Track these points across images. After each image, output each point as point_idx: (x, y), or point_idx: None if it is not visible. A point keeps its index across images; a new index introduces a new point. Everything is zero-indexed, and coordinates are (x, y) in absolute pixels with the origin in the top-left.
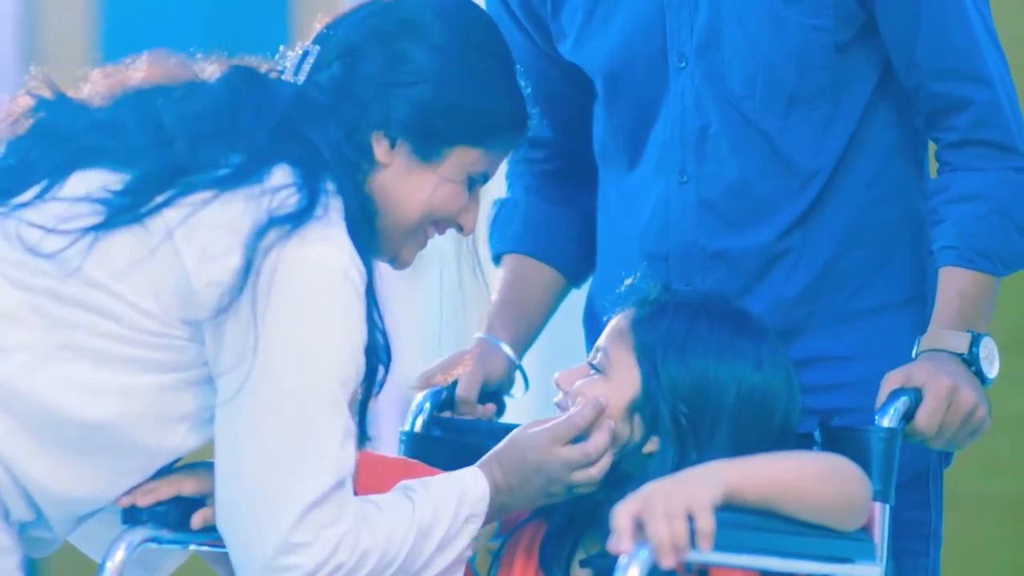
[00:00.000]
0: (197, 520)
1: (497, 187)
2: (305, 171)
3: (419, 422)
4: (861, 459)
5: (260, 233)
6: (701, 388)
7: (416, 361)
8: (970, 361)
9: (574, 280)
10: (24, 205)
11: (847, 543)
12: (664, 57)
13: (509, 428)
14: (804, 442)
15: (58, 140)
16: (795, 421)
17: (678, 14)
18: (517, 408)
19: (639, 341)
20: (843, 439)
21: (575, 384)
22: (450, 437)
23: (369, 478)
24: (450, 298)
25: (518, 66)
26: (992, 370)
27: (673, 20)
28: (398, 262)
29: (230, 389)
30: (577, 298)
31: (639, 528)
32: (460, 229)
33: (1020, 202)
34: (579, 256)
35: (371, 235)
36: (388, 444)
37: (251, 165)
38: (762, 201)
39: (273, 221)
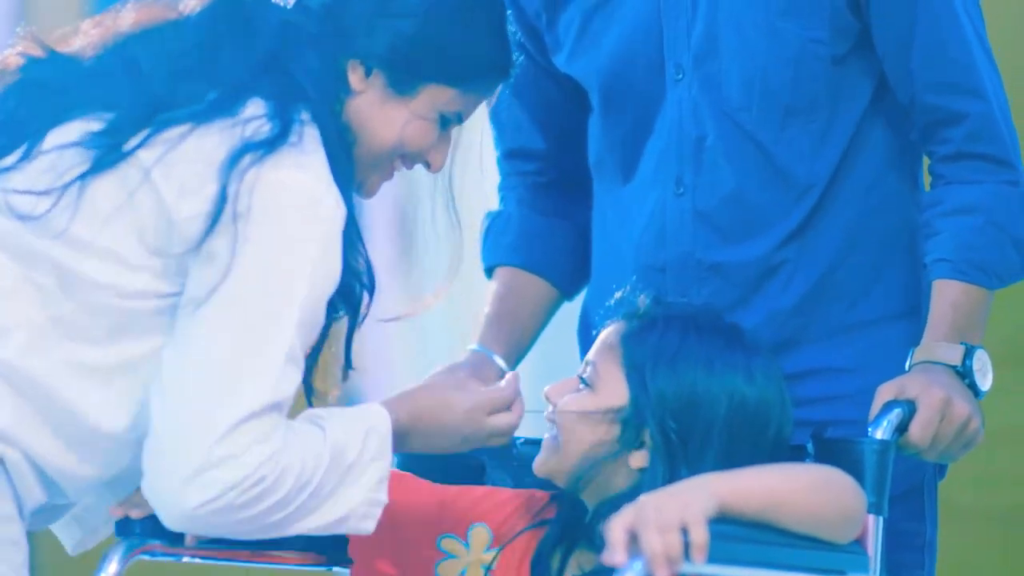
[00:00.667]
0: (191, 536)
1: (491, 199)
2: (279, 102)
3: None
4: (855, 471)
5: (234, 159)
6: (691, 402)
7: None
8: (964, 373)
9: (567, 293)
10: (8, 169)
11: (840, 555)
12: (661, 68)
13: None
14: (797, 454)
15: (46, 96)
16: (788, 434)
17: (675, 25)
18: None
19: (628, 355)
20: (836, 451)
21: (561, 400)
22: None
23: None
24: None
25: (509, 12)
26: (985, 382)
27: (670, 31)
28: (364, 190)
29: (194, 299)
30: (569, 310)
31: (633, 540)
32: (428, 166)
33: (1014, 215)
34: (572, 269)
35: (350, 163)
36: None
37: (226, 99)
38: (758, 213)
39: (247, 147)
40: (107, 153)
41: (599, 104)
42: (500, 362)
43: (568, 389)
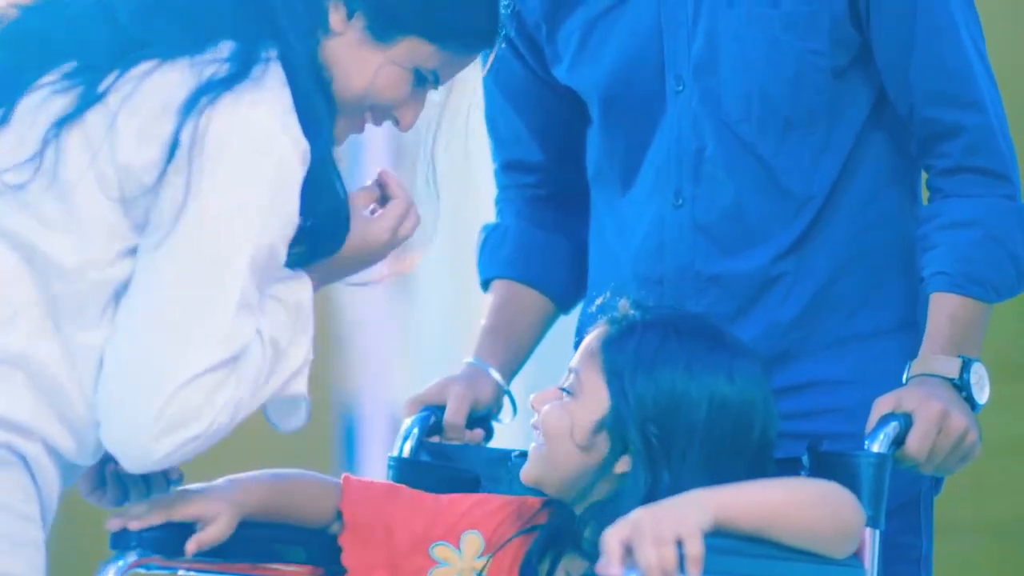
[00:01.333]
0: (191, 547)
1: (487, 211)
2: (247, 41)
3: (407, 447)
4: (851, 484)
5: (191, 101)
6: (671, 407)
7: (405, 378)
8: (961, 386)
9: (563, 306)
10: None
11: (837, 569)
12: (661, 80)
13: (498, 453)
14: (792, 467)
15: (29, 46)
16: (773, 436)
17: (675, 37)
18: (505, 433)
19: (608, 361)
20: (832, 464)
21: (544, 408)
22: (438, 462)
23: (355, 504)
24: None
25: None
26: (982, 395)
27: (671, 43)
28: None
29: (149, 244)
30: (565, 322)
31: (628, 553)
32: (397, 123)
33: (1012, 230)
34: (568, 282)
35: (326, 101)
36: (378, 468)
37: (194, 35)
38: (757, 225)
39: (204, 88)
40: (83, 95)
41: (599, 115)
42: (495, 375)
43: (552, 397)
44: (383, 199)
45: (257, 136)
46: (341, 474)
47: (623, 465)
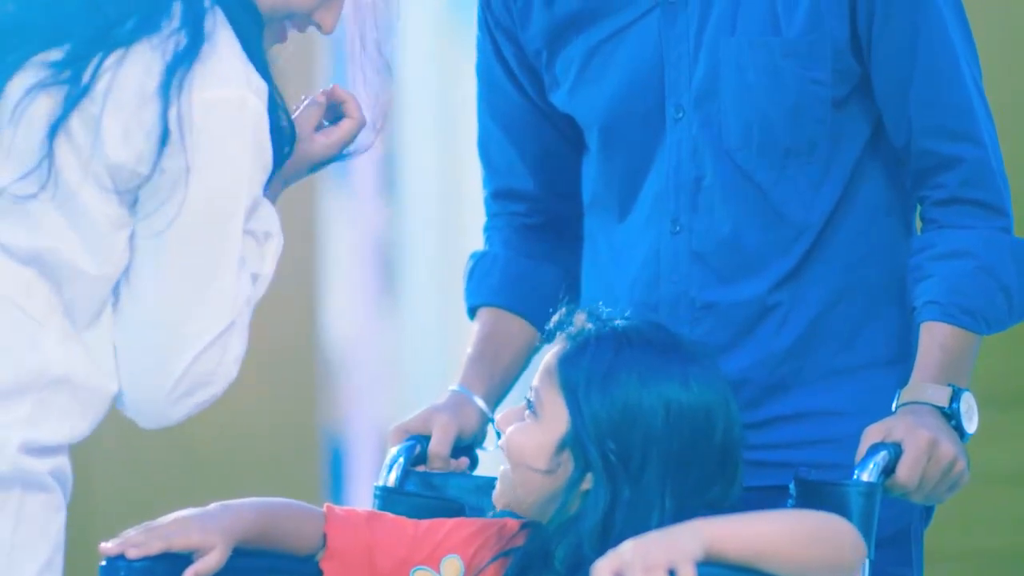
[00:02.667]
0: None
1: (475, 239)
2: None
3: (393, 476)
4: (841, 514)
5: (166, 84)
6: (626, 421)
7: (393, 404)
8: (950, 415)
9: (550, 336)
10: None
11: None
12: (661, 108)
13: (483, 482)
14: (780, 495)
15: (9, 33)
16: (737, 439)
17: (677, 65)
18: (490, 461)
19: (563, 378)
20: (822, 493)
21: (507, 429)
22: (424, 492)
23: (338, 529)
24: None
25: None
26: (971, 425)
27: (671, 70)
28: None
29: (155, 227)
30: None
31: None
32: (320, 28)
33: (1005, 262)
34: (555, 312)
35: (257, 25)
36: (366, 494)
37: (149, 13)
38: (754, 254)
39: (172, 66)
40: (69, 94)
41: (598, 142)
42: (480, 403)
43: (516, 417)
44: (334, 113)
45: (233, 100)
46: (326, 502)
47: (588, 483)
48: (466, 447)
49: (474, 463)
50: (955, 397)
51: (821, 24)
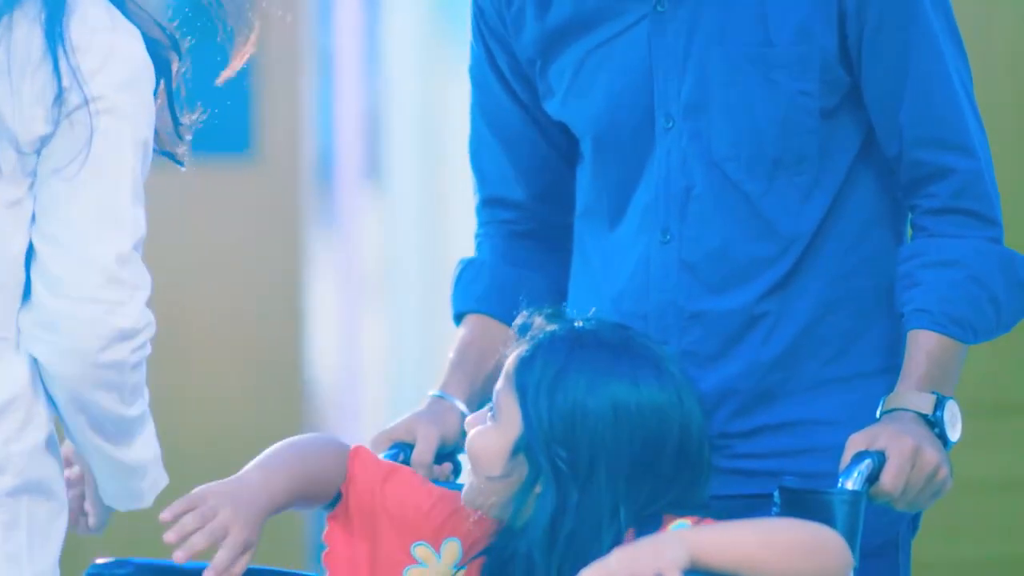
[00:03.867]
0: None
1: (464, 247)
2: None
3: None
4: (825, 522)
5: (51, 43)
6: (573, 425)
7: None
8: (933, 423)
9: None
10: None
11: None
12: (651, 117)
13: (460, 487)
14: (768, 504)
15: None
16: (696, 434)
17: (666, 74)
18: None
19: (518, 381)
20: (806, 502)
21: (469, 433)
22: None
23: (354, 486)
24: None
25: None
26: (954, 433)
27: (661, 80)
28: None
29: (63, 174)
30: None
31: None
32: None
33: (994, 273)
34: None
35: None
36: None
37: None
38: (743, 264)
39: (49, 30)
40: None
41: (590, 150)
42: (461, 406)
43: (481, 420)
44: None
45: (115, 45)
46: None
47: (540, 487)
48: (448, 453)
49: (457, 469)
50: (939, 405)
51: (810, 35)
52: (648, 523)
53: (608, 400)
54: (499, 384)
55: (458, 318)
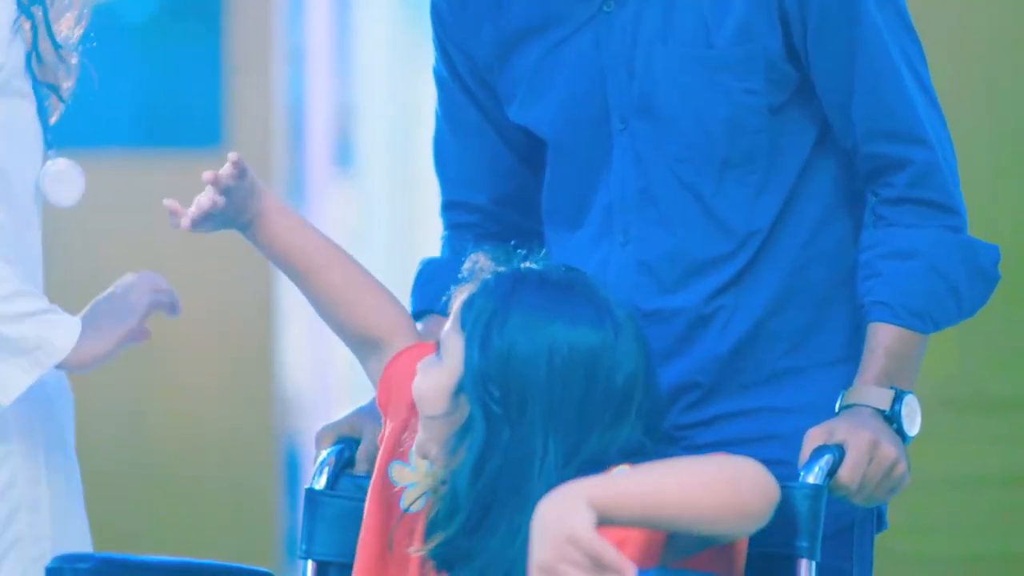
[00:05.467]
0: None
1: (430, 247)
2: None
3: (323, 480)
4: (786, 516)
5: None
6: (507, 364)
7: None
8: (891, 418)
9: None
10: None
11: None
12: (607, 119)
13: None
14: None
15: None
16: (631, 375)
17: (616, 76)
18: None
19: (463, 322)
20: None
21: (416, 376)
22: (355, 495)
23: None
24: None
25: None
26: (913, 428)
27: (612, 82)
28: None
29: None
30: None
31: None
32: None
33: (954, 262)
34: None
35: None
36: None
37: None
38: (697, 263)
39: None
40: None
41: (551, 154)
42: None
43: (429, 361)
44: None
45: None
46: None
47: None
48: None
49: None
50: (897, 400)
51: (751, 35)
52: (592, 471)
53: (543, 340)
54: (447, 325)
55: (417, 316)
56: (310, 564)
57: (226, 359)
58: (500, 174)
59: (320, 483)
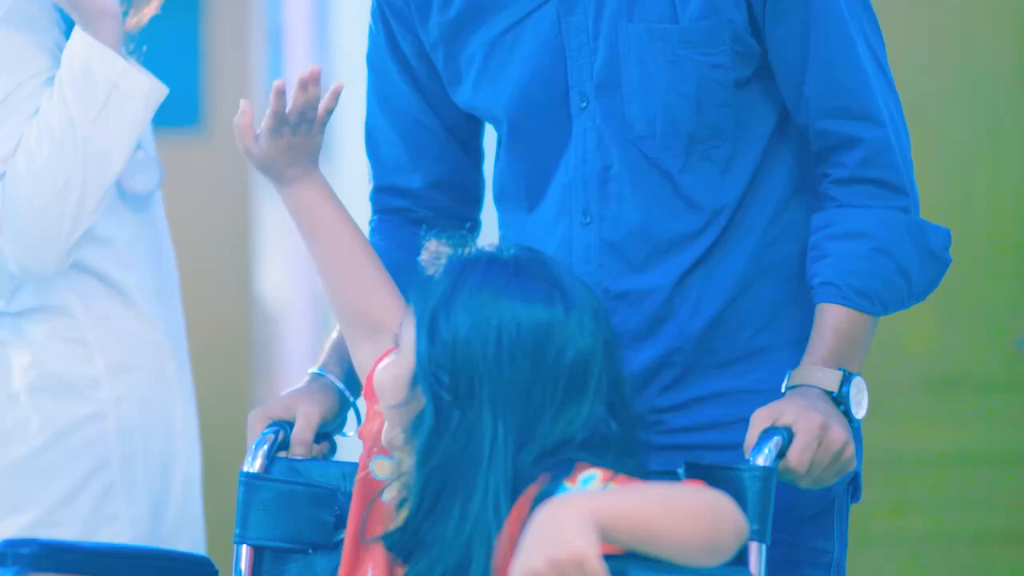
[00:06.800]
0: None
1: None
2: None
3: (258, 463)
4: (736, 498)
5: None
6: (455, 349)
7: None
8: (839, 400)
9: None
10: None
11: None
12: (566, 98)
13: (348, 468)
14: (668, 480)
15: None
16: (582, 352)
17: (578, 53)
18: (348, 447)
19: (416, 310)
20: (717, 477)
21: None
22: (291, 478)
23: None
24: None
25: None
26: (860, 411)
27: (573, 60)
28: None
29: None
30: None
31: None
32: None
33: (903, 243)
34: None
35: None
36: None
37: None
38: (664, 241)
39: None
40: None
41: (506, 134)
42: (338, 384)
43: (389, 354)
44: None
45: None
46: None
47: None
48: (325, 432)
49: (332, 449)
50: (845, 381)
51: (716, 9)
52: (560, 468)
53: (490, 319)
54: (404, 315)
55: None
56: (245, 549)
57: (202, 332)
58: (436, 157)
59: (255, 466)
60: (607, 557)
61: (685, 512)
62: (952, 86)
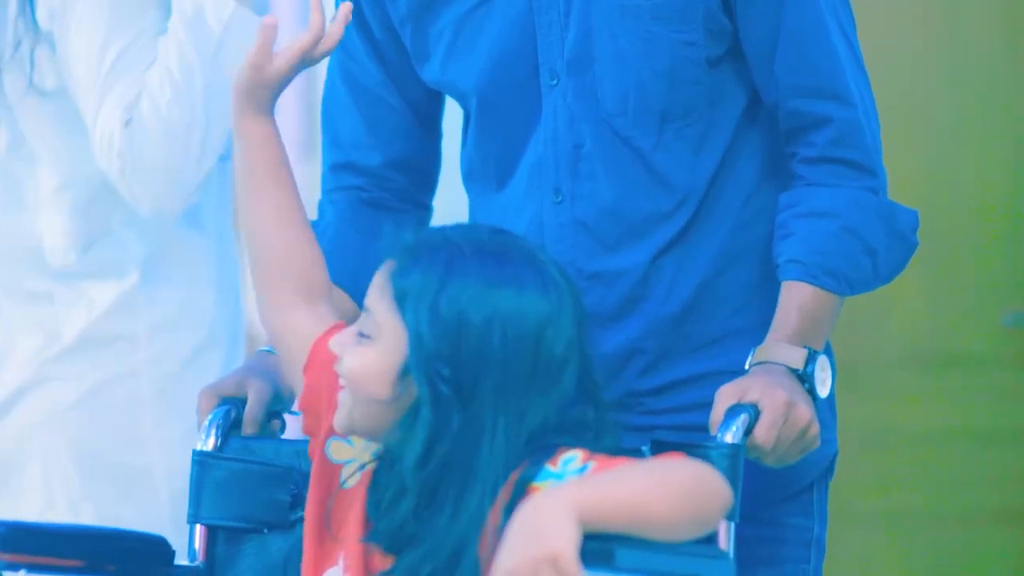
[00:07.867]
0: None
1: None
2: None
3: (211, 442)
4: None
5: None
6: (459, 341)
7: None
8: (803, 378)
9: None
10: None
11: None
12: (536, 75)
13: (301, 446)
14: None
15: None
16: (578, 342)
17: (548, 31)
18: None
19: (397, 294)
20: (685, 455)
21: (344, 355)
22: (244, 456)
23: (315, 369)
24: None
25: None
26: (823, 389)
27: (544, 37)
28: None
29: None
30: None
31: None
32: None
33: (871, 223)
34: None
35: None
36: None
37: None
38: (637, 221)
39: None
40: None
41: (475, 112)
42: None
43: (351, 341)
44: None
45: None
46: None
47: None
48: (275, 411)
49: (282, 427)
50: (810, 360)
51: None
52: (541, 453)
53: (492, 310)
54: (371, 299)
55: None
56: (198, 528)
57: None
58: (397, 135)
59: (208, 445)
60: (595, 537)
61: (669, 488)
62: (940, 64)
